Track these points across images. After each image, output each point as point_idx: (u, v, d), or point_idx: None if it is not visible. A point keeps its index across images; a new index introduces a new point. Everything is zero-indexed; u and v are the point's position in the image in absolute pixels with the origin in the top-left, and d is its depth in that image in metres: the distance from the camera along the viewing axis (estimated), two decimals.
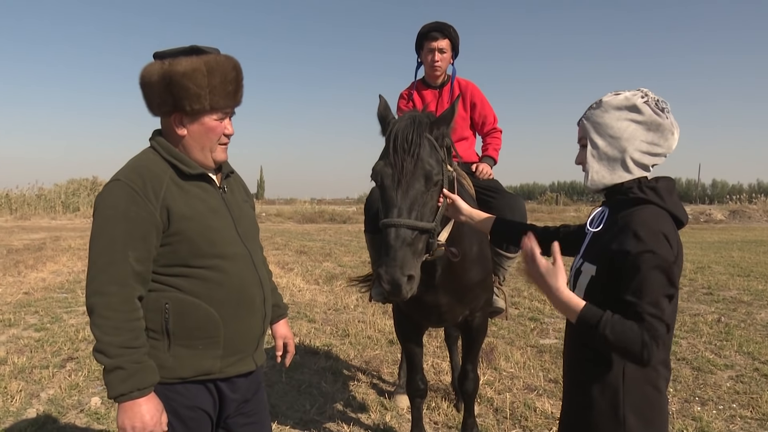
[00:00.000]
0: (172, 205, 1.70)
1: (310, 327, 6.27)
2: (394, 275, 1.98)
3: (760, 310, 6.95)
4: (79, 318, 6.54)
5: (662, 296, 1.51)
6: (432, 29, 3.35)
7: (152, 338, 1.71)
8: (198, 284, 1.74)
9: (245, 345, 1.87)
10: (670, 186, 1.68)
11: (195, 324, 1.74)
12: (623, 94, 1.68)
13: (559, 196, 43.27)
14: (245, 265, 1.85)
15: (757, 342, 5.47)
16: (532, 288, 8.53)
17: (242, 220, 1.91)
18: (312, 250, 14.27)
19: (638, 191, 1.65)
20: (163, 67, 1.72)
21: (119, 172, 1.73)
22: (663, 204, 1.62)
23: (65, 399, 4.09)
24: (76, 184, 30.55)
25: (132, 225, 1.64)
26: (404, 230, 2.04)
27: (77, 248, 13.69)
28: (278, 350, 2.22)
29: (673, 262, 1.53)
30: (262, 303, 1.90)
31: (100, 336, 1.61)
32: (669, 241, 1.54)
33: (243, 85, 1.85)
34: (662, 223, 1.57)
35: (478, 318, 2.98)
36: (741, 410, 3.87)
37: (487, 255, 2.94)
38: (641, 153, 1.66)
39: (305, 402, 4.07)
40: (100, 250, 1.65)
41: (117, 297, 1.62)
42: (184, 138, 1.78)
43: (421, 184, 2.12)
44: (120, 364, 1.60)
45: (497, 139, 3.61)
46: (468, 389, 3.15)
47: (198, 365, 1.77)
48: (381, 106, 2.38)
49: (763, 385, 4.36)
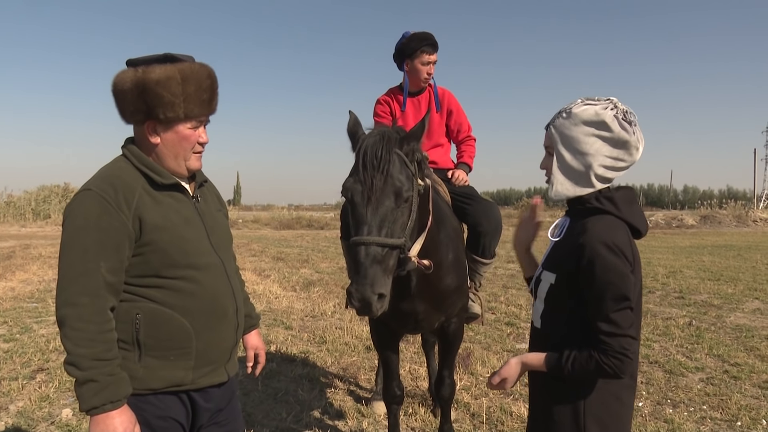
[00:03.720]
0: (144, 215, 1.68)
1: (287, 334, 6.23)
2: (364, 293, 1.99)
3: (729, 314, 7.11)
4: (49, 328, 6.40)
5: (616, 310, 1.53)
6: (429, 43, 3.37)
7: (122, 349, 1.68)
8: (170, 295, 1.72)
9: (217, 356, 1.85)
10: (629, 196, 1.69)
11: (167, 335, 1.72)
12: (593, 108, 1.66)
13: None
14: (218, 276, 1.83)
15: (726, 345, 5.60)
16: (509, 293, 8.60)
17: (215, 230, 1.89)
18: (289, 256, 14.20)
19: (595, 201, 1.67)
20: (136, 74, 1.69)
21: (90, 182, 1.70)
22: (619, 214, 1.63)
23: (35, 411, 4.00)
24: (47, 191, 29.93)
25: (104, 235, 1.62)
26: (374, 248, 2.05)
27: (48, 256, 13.41)
28: (249, 361, 2.20)
29: (626, 272, 1.54)
30: (234, 313, 1.88)
31: (71, 348, 1.58)
32: (622, 252, 1.55)
33: (218, 93, 1.84)
34: (614, 234, 1.58)
35: (454, 324, 3.00)
36: (711, 412, 3.95)
37: (463, 262, 2.97)
38: (605, 168, 1.66)
39: (281, 410, 4.04)
40: (71, 261, 1.61)
41: (89, 308, 1.59)
42: (157, 146, 1.76)
43: (391, 201, 2.13)
44: (92, 377, 1.57)
45: (472, 147, 3.65)
46: (444, 395, 3.17)
47: (169, 376, 1.74)
48: (351, 122, 2.37)
49: (732, 386, 4.46)
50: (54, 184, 30.91)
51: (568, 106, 1.71)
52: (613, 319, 1.53)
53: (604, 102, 1.67)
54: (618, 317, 1.53)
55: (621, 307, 1.53)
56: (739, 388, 4.42)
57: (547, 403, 1.72)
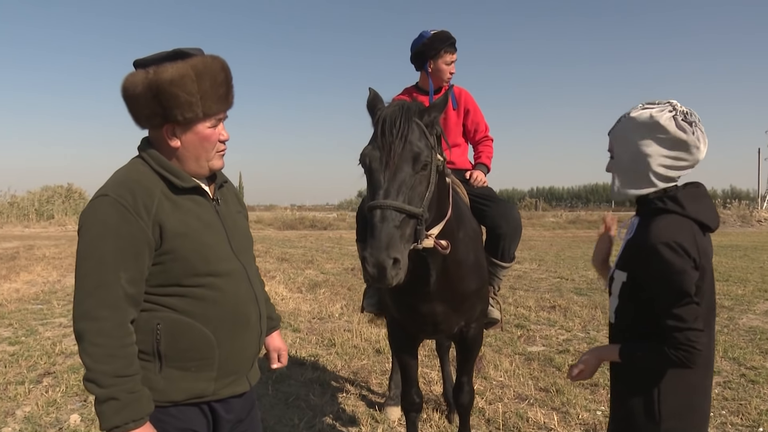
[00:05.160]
0: (164, 222, 1.60)
1: (295, 337, 6.17)
2: (378, 257, 1.89)
3: (741, 315, 7.03)
4: (55, 330, 6.34)
5: (679, 306, 1.60)
6: (451, 42, 3.33)
7: (142, 360, 1.61)
8: (191, 303, 1.65)
9: (240, 365, 1.78)
10: (696, 192, 1.75)
11: (188, 345, 1.65)
12: (649, 111, 1.74)
13: (538, 202, 43.72)
14: (240, 281, 1.76)
15: (741, 347, 5.51)
16: (517, 294, 8.53)
17: (236, 233, 1.82)
18: (293, 257, 14.15)
19: (659, 202, 1.73)
20: (147, 76, 1.60)
21: (106, 187, 1.61)
22: (683, 212, 1.69)
23: (42, 417, 3.93)
24: (51, 192, 29.98)
25: (123, 244, 1.54)
26: (391, 212, 1.97)
27: (52, 257, 13.38)
28: (272, 362, 2.12)
29: (686, 269, 1.60)
30: (257, 320, 1.81)
31: (91, 364, 1.50)
32: (683, 249, 1.61)
33: (233, 85, 1.75)
34: (676, 233, 1.64)
35: (473, 329, 2.93)
36: (731, 417, 3.87)
37: (483, 263, 2.90)
38: (665, 168, 1.74)
39: (293, 415, 3.97)
40: (88, 271, 1.53)
41: (109, 322, 1.51)
42: (177, 150, 1.68)
43: (410, 166, 2.07)
44: (113, 395, 1.50)
45: (489, 147, 3.57)
46: (464, 402, 3.09)
47: (191, 388, 1.68)
48: (370, 97, 2.33)
49: (750, 391, 4.37)
50: (57, 185, 30.99)
51: (628, 112, 1.80)
52: (677, 314, 1.60)
53: (663, 105, 1.75)
54: (682, 312, 1.60)
55: (683, 303, 1.60)
56: (758, 392, 4.33)
57: (624, 392, 1.80)
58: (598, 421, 3.80)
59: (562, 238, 22.65)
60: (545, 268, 12.12)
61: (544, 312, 7.40)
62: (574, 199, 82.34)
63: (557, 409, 4.03)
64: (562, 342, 5.91)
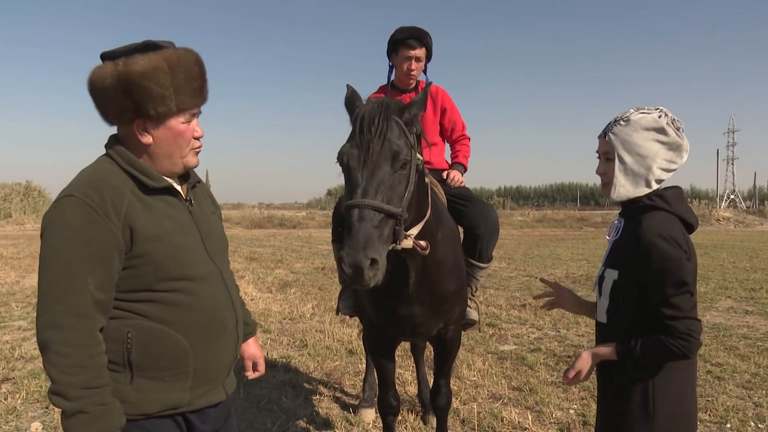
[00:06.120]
0: (135, 224, 1.52)
1: (266, 338, 6.06)
2: (355, 258, 1.84)
3: (704, 312, 7.19)
4: (14, 334, 6.10)
5: (677, 295, 1.66)
6: (410, 36, 3.22)
7: (112, 370, 1.52)
8: (164, 309, 1.57)
9: (216, 374, 1.70)
10: (678, 193, 1.84)
11: (161, 354, 1.57)
12: (651, 116, 1.80)
13: (506, 201, 44.27)
14: (216, 286, 1.69)
15: (706, 345, 5.62)
16: (488, 293, 8.58)
17: (211, 236, 1.74)
18: (262, 256, 13.96)
19: (647, 200, 1.81)
20: (116, 68, 1.51)
21: (72, 186, 1.51)
22: (671, 209, 1.77)
23: (1, 425, 3.75)
24: (8, 189, 29.01)
25: (91, 247, 1.45)
26: (369, 211, 1.93)
27: (10, 257, 12.91)
28: (247, 371, 2.06)
29: (683, 259, 1.67)
30: (234, 326, 1.74)
31: (56, 376, 1.41)
32: (677, 242, 1.69)
33: (207, 79, 1.68)
34: (669, 227, 1.72)
35: (452, 331, 2.90)
36: (699, 414, 3.93)
37: (462, 265, 2.87)
38: (661, 170, 1.81)
39: (266, 419, 3.89)
40: (54, 277, 1.44)
41: (76, 330, 1.42)
42: (149, 147, 1.60)
43: (389, 165, 2.04)
44: (82, 408, 1.41)
45: (466, 147, 3.55)
46: (441, 404, 3.06)
47: (164, 399, 1.59)
48: (348, 94, 2.28)
49: (716, 387, 4.47)
50: (15, 182, 29.97)
51: (624, 115, 1.84)
52: (675, 304, 1.66)
53: (657, 111, 1.82)
54: (679, 301, 1.66)
55: (681, 292, 1.66)
56: (723, 388, 4.43)
57: (617, 390, 1.83)
58: (572, 419, 3.83)
59: (530, 237, 22.95)
60: (514, 266, 12.23)
61: (514, 311, 7.45)
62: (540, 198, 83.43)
63: (531, 408, 4.05)
64: (533, 340, 5.95)
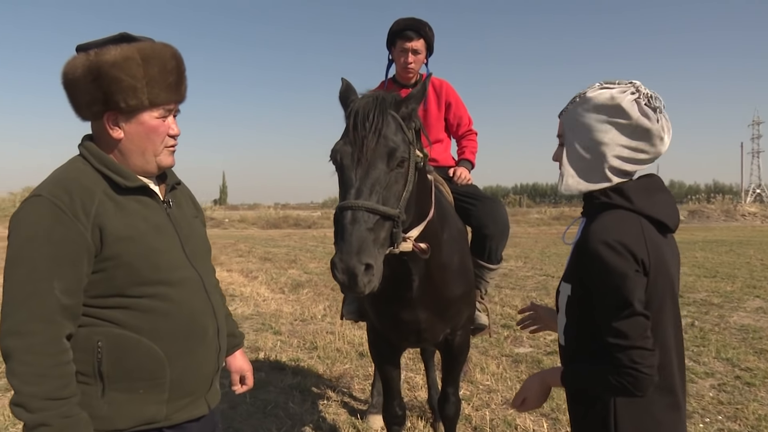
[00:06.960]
0: (106, 224, 1.43)
1: (276, 340, 5.95)
2: (349, 263, 1.71)
3: (731, 313, 6.93)
4: None
5: (620, 319, 1.34)
6: (407, 27, 3.06)
7: (82, 383, 1.43)
8: (138, 317, 1.46)
9: (196, 386, 1.59)
10: (648, 184, 1.50)
11: (134, 364, 1.46)
12: (610, 92, 1.47)
13: (522, 198, 43.90)
14: (195, 292, 1.58)
15: (734, 347, 5.39)
16: (503, 293, 8.39)
17: (191, 239, 1.64)
18: (277, 256, 13.92)
19: (602, 196, 1.48)
20: (88, 58, 1.45)
21: (40, 187, 1.44)
22: (631, 206, 1.44)
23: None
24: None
25: (57, 249, 1.36)
26: (363, 213, 1.79)
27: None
28: (234, 385, 1.95)
29: (627, 273, 1.35)
30: (215, 335, 1.63)
31: (19, 386, 1.32)
32: (627, 249, 1.36)
33: (186, 77, 1.59)
34: (619, 230, 1.40)
35: (459, 336, 2.74)
36: (729, 423, 3.73)
37: (469, 267, 2.71)
38: (621, 160, 1.47)
39: (271, 425, 3.77)
40: (18, 281, 1.35)
41: (40, 337, 1.33)
42: (120, 142, 1.51)
43: (384, 163, 1.89)
44: (44, 420, 1.32)
45: (473, 142, 3.38)
46: (449, 413, 2.91)
47: (139, 413, 1.49)
48: (343, 87, 2.14)
49: (747, 394, 4.24)
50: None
51: (583, 91, 1.53)
52: (618, 330, 1.34)
53: (624, 85, 1.48)
54: (624, 326, 1.34)
55: (624, 315, 1.34)
56: (754, 395, 4.20)
57: (578, 420, 1.57)
58: None
59: (547, 235, 22.63)
60: (531, 265, 12.00)
61: None
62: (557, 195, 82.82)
63: (546, 416, 3.87)
64: (549, 343, 5.76)
